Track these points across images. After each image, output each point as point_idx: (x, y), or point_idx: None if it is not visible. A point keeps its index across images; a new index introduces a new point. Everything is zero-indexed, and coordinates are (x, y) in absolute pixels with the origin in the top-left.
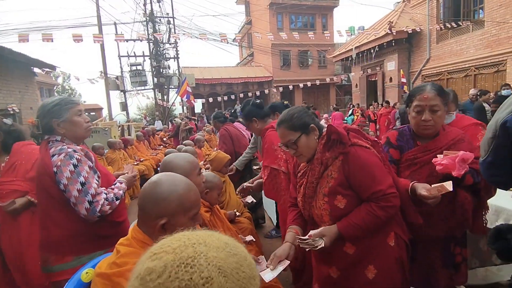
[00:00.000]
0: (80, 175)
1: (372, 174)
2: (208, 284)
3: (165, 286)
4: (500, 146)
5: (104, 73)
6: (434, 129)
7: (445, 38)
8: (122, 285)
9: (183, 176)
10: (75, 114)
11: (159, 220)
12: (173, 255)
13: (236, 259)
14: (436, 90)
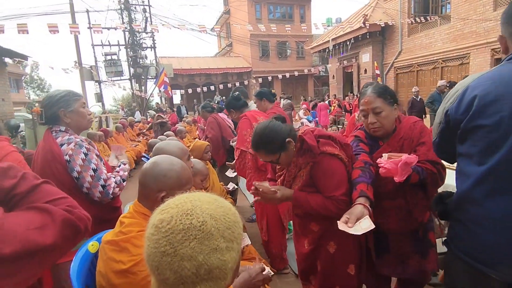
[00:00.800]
0: (91, 163)
1: (331, 181)
2: (204, 226)
3: (172, 230)
4: (444, 130)
5: (78, 63)
6: (384, 129)
7: (415, 31)
8: (128, 249)
9: (177, 158)
10: (80, 106)
11: (160, 193)
12: (176, 209)
13: (223, 209)
14: (376, 92)
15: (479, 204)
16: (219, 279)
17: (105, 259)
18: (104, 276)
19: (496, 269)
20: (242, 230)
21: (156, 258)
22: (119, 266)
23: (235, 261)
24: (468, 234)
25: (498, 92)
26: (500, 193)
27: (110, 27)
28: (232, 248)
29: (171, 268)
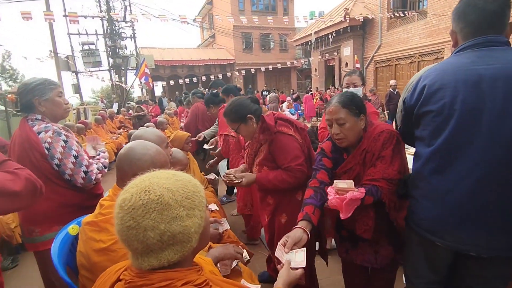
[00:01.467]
0: (72, 149)
1: (286, 155)
2: (161, 198)
3: (133, 206)
4: (404, 117)
5: (54, 52)
6: (347, 141)
7: (394, 26)
8: (108, 229)
9: (153, 143)
10: (56, 95)
11: (134, 177)
12: (136, 188)
13: (181, 182)
14: (341, 102)
15: (428, 181)
16: (183, 242)
17: (85, 239)
18: (85, 255)
19: (442, 237)
20: (203, 199)
21: (124, 233)
22: (99, 245)
23: (199, 226)
24: (419, 208)
25: (442, 81)
26: (444, 171)
27: (87, 15)
28: (194, 215)
29: (137, 239)
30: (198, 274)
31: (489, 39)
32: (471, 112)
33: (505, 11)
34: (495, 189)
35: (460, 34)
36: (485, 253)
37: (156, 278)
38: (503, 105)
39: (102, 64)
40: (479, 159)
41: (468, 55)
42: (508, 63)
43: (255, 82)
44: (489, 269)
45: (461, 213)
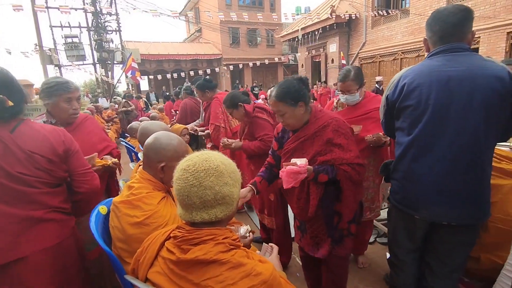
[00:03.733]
0: None
1: (260, 131)
2: (218, 167)
3: (197, 170)
4: (386, 111)
5: (39, 46)
6: (291, 126)
7: (378, 24)
8: (141, 206)
9: (175, 134)
10: (63, 101)
11: (160, 163)
12: (198, 158)
13: (228, 161)
14: (276, 97)
15: (408, 165)
16: (228, 204)
17: (120, 215)
18: (120, 229)
19: (419, 211)
20: (240, 176)
21: (187, 190)
22: (133, 220)
23: (238, 195)
24: (401, 188)
25: (419, 81)
26: (421, 156)
27: (71, 8)
28: (235, 186)
29: (197, 195)
30: (231, 233)
31: (454, 46)
32: (442, 107)
33: (464, 23)
34: (462, 170)
35: (430, 41)
36: (455, 221)
37: (203, 233)
38: (467, 101)
39: (86, 58)
40: (448, 146)
41: (439, 59)
42: (471, 66)
43: (242, 77)
44: (456, 236)
45: (435, 191)
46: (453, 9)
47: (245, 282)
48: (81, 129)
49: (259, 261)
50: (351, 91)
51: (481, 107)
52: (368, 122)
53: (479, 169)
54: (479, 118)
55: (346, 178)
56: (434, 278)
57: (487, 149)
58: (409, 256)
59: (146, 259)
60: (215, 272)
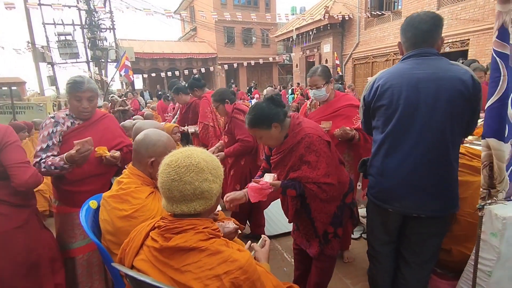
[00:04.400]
0: (40, 135)
1: (238, 131)
2: (199, 164)
3: (179, 165)
4: (364, 111)
5: (31, 43)
6: (271, 145)
7: (371, 25)
8: (129, 200)
9: (163, 131)
10: (74, 98)
11: (150, 159)
12: (181, 154)
13: (211, 157)
14: (249, 124)
15: (381, 161)
16: (207, 199)
17: (109, 209)
18: (109, 222)
19: (392, 205)
20: (222, 173)
21: (168, 184)
22: (122, 213)
23: (218, 191)
24: (375, 183)
25: (391, 82)
26: (392, 152)
27: (65, 5)
28: (216, 182)
29: (178, 189)
30: (212, 223)
31: (424, 51)
32: (410, 106)
33: (434, 30)
34: (429, 165)
35: (404, 46)
36: (424, 213)
37: (184, 223)
38: (434, 101)
39: (79, 56)
40: (416, 142)
41: (410, 63)
42: (437, 69)
43: (237, 76)
44: (426, 227)
45: (406, 185)
46: (425, 17)
47: (222, 267)
48: (97, 125)
49: (237, 250)
50: (317, 85)
51: (446, 107)
52: (338, 119)
53: (446, 164)
54: (445, 117)
55: (312, 196)
56: (408, 268)
57: (453, 145)
58: (385, 248)
59: (132, 248)
60: (195, 258)
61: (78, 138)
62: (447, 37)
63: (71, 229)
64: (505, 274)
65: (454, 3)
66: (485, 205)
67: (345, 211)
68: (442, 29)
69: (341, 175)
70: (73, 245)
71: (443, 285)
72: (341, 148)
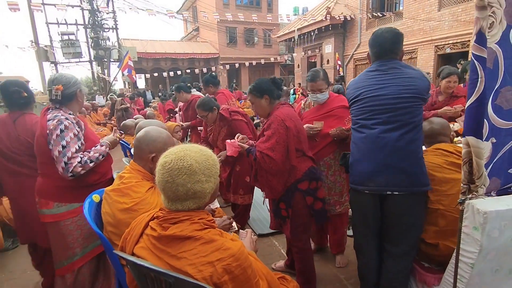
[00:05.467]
0: (64, 139)
1: (241, 130)
2: (191, 167)
3: (171, 168)
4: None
5: (35, 42)
6: (260, 114)
7: (373, 26)
8: (130, 194)
9: (163, 129)
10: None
11: (150, 154)
12: (174, 155)
13: (205, 157)
14: (249, 89)
15: (359, 149)
16: (200, 198)
17: (110, 202)
18: (111, 214)
19: (367, 185)
20: (218, 170)
21: (162, 184)
22: (122, 206)
23: (212, 188)
24: (353, 169)
25: (357, 86)
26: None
27: (68, 5)
28: (210, 181)
29: (171, 190)
30: (207, 215)
31: (384, 62)
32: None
33: (396, 46)
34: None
35: (372, 58)
36: (396, 190)
37: (180, 214)
38: (395, 96)
39: (82, 55)
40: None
41: (373, 68)
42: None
43: (239, 76)
44: (400, 205)
45: (376, 165)
46: (387, 34)
47: (215, 255)
48: None
49: (230, 239)
50: (321, 89)
51: (407, 99)
52: (332, 119)
53: (407, 149)
54: (402, 111)
55: (257, 162)
56: (390, 260)
57: (412, 132)
58: (367, 241)
59: (132, 237)
60: (190, 246)
61: (90, 132)
62: (448, 38)
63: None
64: (487, 266)
65: (455, 5)
66: (466, 200)
67: (296, 195)
68: (402, 43)
69: (295, 161)
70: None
71: (430, 278)
72: (332, 148)
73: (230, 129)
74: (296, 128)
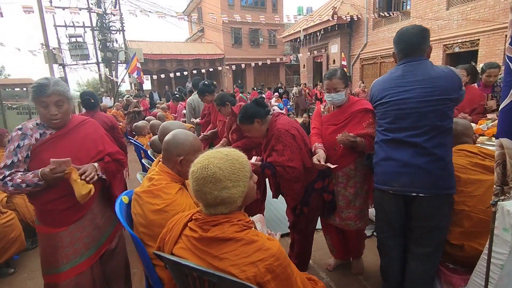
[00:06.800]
0: (6, 150)
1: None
2: (214, 175)
3: (197, 178)
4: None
5: (45, 45)
6: (258, 138)
7: (379, 25)
8: (161, 195)
9: (190, 132)
10: (40, 105)
11: (178, 157)
12: (199, 165)
13: (230, 162)
14: (239, 120)
15: (383, 148)
16: (230, 203)
17: (141, 203)
18: (142, 215)
19: (392, 185)
20: (247, 172)
21: (194, 193)
22: (154, 207)
23: (242, 192)
24: (379, 169)
25: (384, 86)
26: (390, 141)
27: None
28: (238, 185)
29: (201, 197)
30: (244, 216)
31: (411, 59)
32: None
33: (423, 42)
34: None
35: (398, 56)
36: (421, 192)
37: (219, 217)
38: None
39: (90, 57)
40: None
41: (400, 68)
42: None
43: (244, 77)
44: (425, 207)
45: (402, 165)
46: (413, 31)
47: (257, 255)
48: (74, 134)
49: (267, 239)
50: (337, 89)
51: (434, 102)
52: (351, 124)
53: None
54: (432, 110)
55: (280, 176)
56: (414, 260)
57: (441, 133)
58: (391, 241)
59: (171, 237)
60: (232, 247)
61: (50, 151)
62: (457, 37)
63: (54, 253)
64: None
65: (464, 3)
66: (498, 201)
67: (313, 195)
68: (429, 40)
69: (310, 162)
70: (59, 269)
71: (456, 280)
72: (351, 156)
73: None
74: (299, 133)
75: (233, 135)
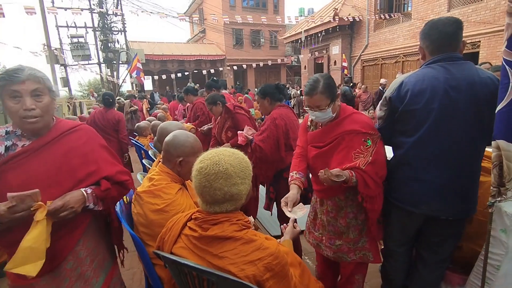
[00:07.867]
0: None
1: (242, 123)
2: (226, 170)
3: (208, 173)
4: (389, 114)
5: (47, 46)
6: (264, 113)
7: (381, 27)
8: (161, 196)
9: (190, 133)
10: (9, 96)
11: (178, 158)
12: (209, 161)
13: (238, 160)
14: (256, 92)
15: (411, 166)
16: (237, 200)
17: (142, 203)
18: (143, 215)
19: (419, 207)
20: (251, 171)
21: (200, 189)
22: (154, 207)
23: (247, 189)
24: (403, 186)
25: (421, 87)
26: (422, 157)
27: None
28: (245, 182)
29: (209, 194)
30: (243, 216)
31: (449, 56)
32: (442, 112)
33: (459, 33)
34: (459, 170)
35: (427, 50)
36: (451, 216)
37: (220, 216)
38: (464, 107)
39: (91, 57)
40: (449, 146)
41: (438, 68)
42: (467, 74)
43: (245, 77)
44: (448, 228)
45: (435, 188)
46: (447, 20)
47: (255, 254)
48: (56, 145)
49: (265, 238)
50: (320, 106)
51: (475, 113)
52: (339, 149)
53: (474, 169)
54: (474, 122)
55: (252, 151)
56: (425, 267)
57: (479, 150)
58: (401, 248)
59: (170, 237)
60: (231, 246)
61: (19, 170)
62: None
63: None
64: None
65: (465, 5)
66: (495, 203)
67: (281, 182)
68: (463, 32)
69: (284, 153)
70: None
71: (455, 278)
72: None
73: (233, 121)
74: (286, 126)
75: (227, 133)
